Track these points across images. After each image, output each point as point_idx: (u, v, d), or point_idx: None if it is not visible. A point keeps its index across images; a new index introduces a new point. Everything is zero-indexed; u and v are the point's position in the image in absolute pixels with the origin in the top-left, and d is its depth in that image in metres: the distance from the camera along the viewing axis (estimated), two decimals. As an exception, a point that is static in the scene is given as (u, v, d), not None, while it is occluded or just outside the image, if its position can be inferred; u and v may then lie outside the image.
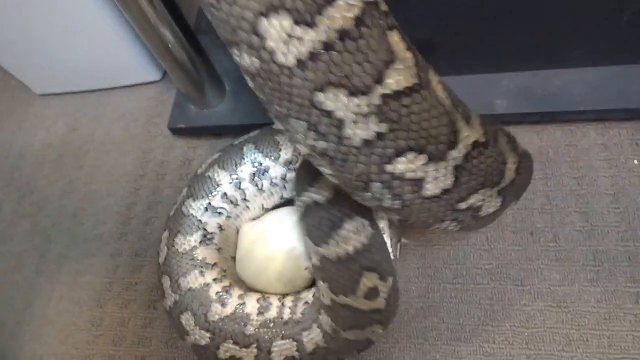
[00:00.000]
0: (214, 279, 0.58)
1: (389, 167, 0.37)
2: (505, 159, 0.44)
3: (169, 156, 0.81)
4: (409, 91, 0.35)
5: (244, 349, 0.52)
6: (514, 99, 0.68)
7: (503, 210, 0.49)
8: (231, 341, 0.52)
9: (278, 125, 0.39)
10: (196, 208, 0.61)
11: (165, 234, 0.61)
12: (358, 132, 0.35)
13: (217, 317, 0.54)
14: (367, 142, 0.36)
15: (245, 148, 0.64)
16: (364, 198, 0.41)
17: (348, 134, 0.35)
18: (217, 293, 0.56)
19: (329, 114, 0.34)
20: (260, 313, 0.54)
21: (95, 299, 0.71)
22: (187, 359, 0.64)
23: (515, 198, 0.50)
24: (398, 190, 0.39)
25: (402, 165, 0.37)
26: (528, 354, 0.57)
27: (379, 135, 0.35)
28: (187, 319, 0.55)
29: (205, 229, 0.61)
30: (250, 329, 0.53)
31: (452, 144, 0.38)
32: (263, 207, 0.65)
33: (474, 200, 0.42)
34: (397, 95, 0.35)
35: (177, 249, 0.59)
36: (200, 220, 0.61)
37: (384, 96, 0.34)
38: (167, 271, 0.58)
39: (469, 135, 0.39)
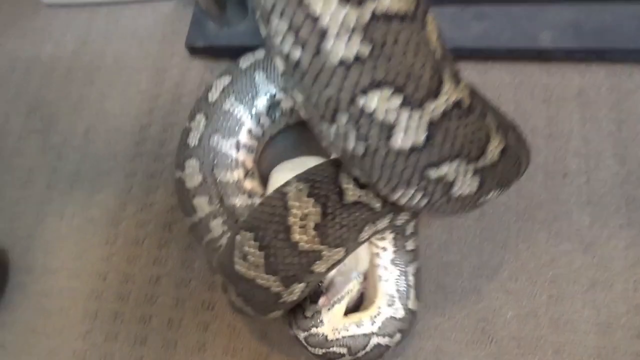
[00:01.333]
0: None
1: (360, 100, 0.34)
2: (490, 136, 0.40)
3: (185, 77, 0.77)
4: (401, 18, 0.32)
5: None
6: (559, 33, 0.64)
7: (482, 198, 0.43)
8: None
9: (261, 25, 0.35)
10: (228, 145, 0.61)
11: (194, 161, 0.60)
12: (338, 48, 0.32)
13: None
14: (344, 63, 0.32)
15: (257, 77, 0.62)
16: (328, 135, 0.38)
17: (327, 47, 0.32)
18: None
19: (314, 20, 0.31)
20: None
21: (109, 218, 0.70)
22: (202, 281, 0.64)
23: (497, 187, 0.44)
24: (365, 130, 0.35)
25: (375, 101, 0.34)
26: (550, 294, 0.56)
27: (358, 58, 0.32)
28: None
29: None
30: None
31: (433, 94, 0.35)
32: (270, 137, 0.66)
33: (446, 170, 0.38)
34: (388, 18, 0.32)
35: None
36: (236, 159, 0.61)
37: (375, 15, 0.31)
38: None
39: (452, 91, 0.36)
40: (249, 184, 0.62)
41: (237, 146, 0.63)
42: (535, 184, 0.61)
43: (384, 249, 0.55)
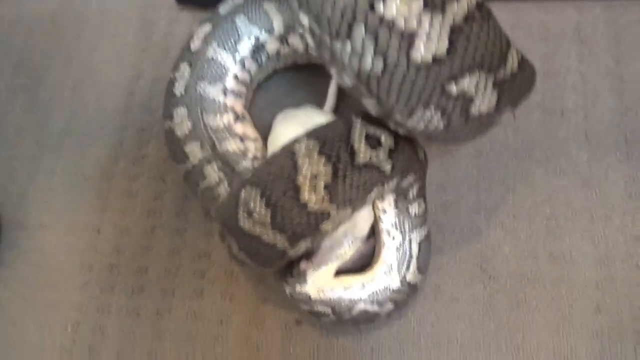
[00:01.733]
0: None
1: (379, 6, 0.32)
2: (510, 44, 0.38)
3: (173, 29, 0.74)
4: None
5: None
6: (556, -32, 0.62)
7: (497, 116, 0.42)
8: None
9: None
10: (214, 91, 0.60)
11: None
12: None
13: None
14: None
15: (238, 21, 0.61)
16: (342, 55, 0.36)
17: None
18: None
19: None
20: None
21: (102, 172, 0.69)
22: (198, 230, 0.63)
23: (511, 103, 0.43)
24: (384, 42, 0.34)
25: (395, 6, 0.33)
26: (549, 230, 0.56)
27: None
28: None
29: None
30: None
31: None
32: (259, 83, 0.65)
33: (466, 83, 0.37)
34: None
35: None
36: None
37: None
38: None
39: None
40: (240, 128, 0.61)
41: (224, 92, 0.61)
42: (533, 122, 0.60)
43: (384, 211, 0.54)
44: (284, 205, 0.43)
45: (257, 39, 0.61)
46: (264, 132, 0.62)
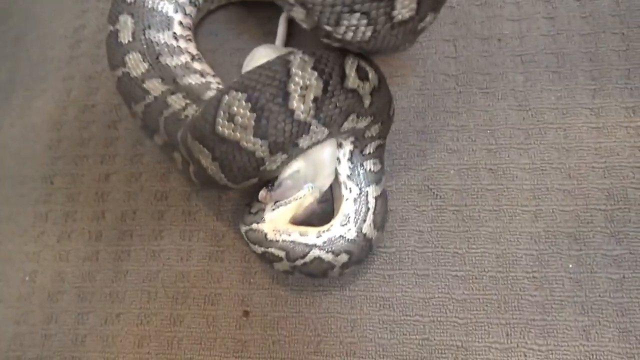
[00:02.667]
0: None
1: None
2: None
3: (117, -23, 0.73)
4: None
5: None
6: None
7: (421, 22, 0.45)
8: None
9: None
10: (165, 37, 0.60)
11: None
12: None
13: None
14: None
15: None
16: None
17: None
18: None
19: None
20: None
21: (51, 123, 0.68)
22: (153, 173, 0.63)
23: (432, 9, 0.46)
24: None
25: None
26: (489, 148, 0.59)
27: None
28: None
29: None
30: None
31: None
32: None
33: None
34: None
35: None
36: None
37: None
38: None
39: None
40: (198, 66, 0.61)
41: (175, 37, 0.62)
42: (473, 51, 0.63)
43: (339, 161, 0.56)
44: (271, 109, 0.44)
45: None
46: (220, 73, 0.63)
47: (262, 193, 0.52)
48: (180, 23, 0.63)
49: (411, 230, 0.57)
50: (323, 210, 0.58)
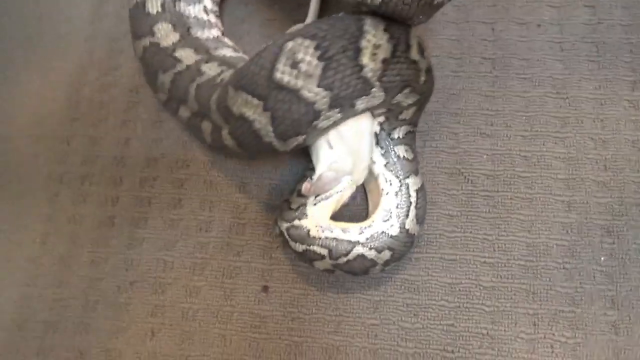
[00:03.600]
0: None
1: None
2: None
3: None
4: None
5: None
6: None
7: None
8: None
9: None
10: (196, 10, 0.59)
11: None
12: None
13: None
14: None
15: None
16: None
17: None
18: None
19: None
20: None
21: (70, 84, 0.65)
22: (175, 140, 0.61)
23: None
24: None
25: None
26: (524, 135, 0.57)
27: None
28: None
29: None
30: None
31: None
32: None
33: None
34: None
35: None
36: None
37: None
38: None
39: None
40: (229, 41, 0.60)
41: (205, 10, 0.60)
42: (511, 35, 0.61)
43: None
44: (340, 61, 0.42)
45: None
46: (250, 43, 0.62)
47: (306, 185, 0.49)
48: None
49: (440, 213, 0.55)
50: (356, 204, 0.57)
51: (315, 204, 0.51)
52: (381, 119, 0.53)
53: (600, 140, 0.56)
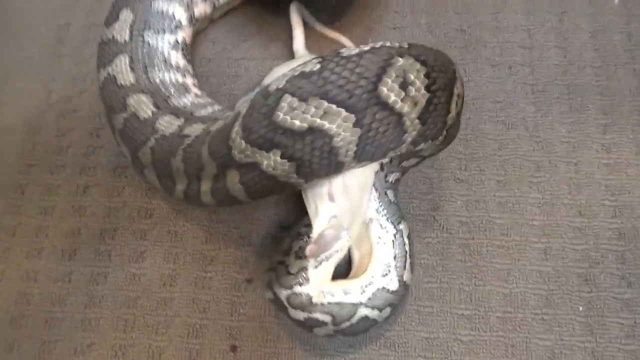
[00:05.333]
0: None
1: None
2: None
3: None
4: None
5: None
6: None
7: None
8: None
9: None
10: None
11: None
12: None
13: None
14: None
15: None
16: None
17: None
18: None
19: None
20: None
21: (26, 127, 0.62)
22: (137, 188, 0.58)
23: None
24: None
25: None
26: (498, 180, 0.56)
27: None
28: None
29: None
30: None
31: None
32: None
33: None
34: None
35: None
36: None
37: None
38: None
39: None
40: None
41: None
42: (483, 76, 0.61)
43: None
44: (440, 98, 0.40)
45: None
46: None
47: (312, 247, 0.42)
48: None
49: (415, 263, 0.54)
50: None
51: (316, 267, 0.48)
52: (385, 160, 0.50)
53: (575, 185, 0.56)
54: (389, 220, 0.51)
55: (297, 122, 0.37)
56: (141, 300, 0.54)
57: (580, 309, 0.51)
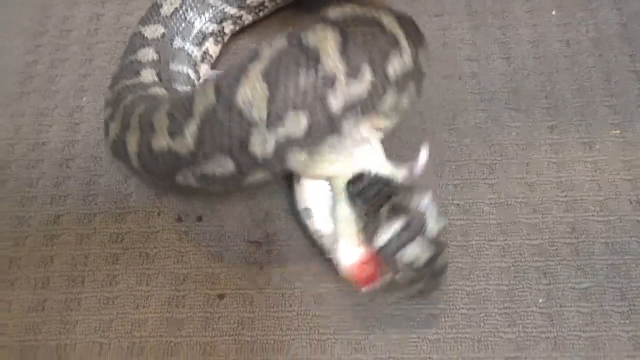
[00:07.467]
0: None
1: None
2: None
3: (73, 11, 0.71)
4: None
5: None
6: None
7: None
8: None
9: None
10: None
11: None
12: None
13: None
14: None
15: None
16: None
17: None
18: None
19: None
20: None
21: (-5, 161, 0.64)
22: (108, 214, 0.60)
23: None
24: None
25: None
26: (455, 184, 0.59)
27: None
28: None
29: None
30: None
31: None
32: None
33: None
34: None
35: None
36: None
37: None
38: None
39: None
40: None
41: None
42: (436, 88, 0.64)
43: None
44: None
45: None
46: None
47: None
48: None
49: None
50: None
51: None
52: None
53: (527, 184, 0.59)
54: None
55: None
56: (115, 323, 0.55)
57: (540, 300, 0.54)
